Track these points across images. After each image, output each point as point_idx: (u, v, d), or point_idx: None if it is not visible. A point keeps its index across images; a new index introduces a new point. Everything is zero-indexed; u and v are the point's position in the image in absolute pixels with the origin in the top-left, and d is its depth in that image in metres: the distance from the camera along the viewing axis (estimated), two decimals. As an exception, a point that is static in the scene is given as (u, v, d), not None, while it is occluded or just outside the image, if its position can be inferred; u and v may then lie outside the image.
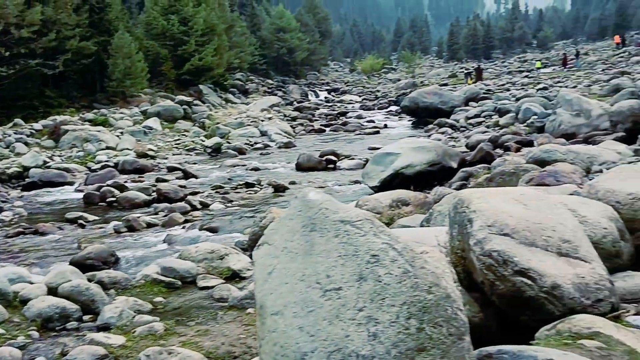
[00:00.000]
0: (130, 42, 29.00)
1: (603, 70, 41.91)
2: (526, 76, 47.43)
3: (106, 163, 18.81)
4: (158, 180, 15.62)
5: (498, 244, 3.44)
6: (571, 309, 3.27)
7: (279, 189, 13.82)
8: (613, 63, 46.10)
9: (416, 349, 2.30)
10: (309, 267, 2.46)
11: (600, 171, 7.27)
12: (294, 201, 2.70)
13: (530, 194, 4.05)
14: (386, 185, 13.21)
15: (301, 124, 31.52)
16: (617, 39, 63.27)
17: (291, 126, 29.63)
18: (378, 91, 53.62)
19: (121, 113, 26.87)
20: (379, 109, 40.80)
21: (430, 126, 27.10)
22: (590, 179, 6.42)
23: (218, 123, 27.40)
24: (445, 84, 47.91)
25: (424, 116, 30.13)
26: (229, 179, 16.08)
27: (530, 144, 15.42)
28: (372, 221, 2.56)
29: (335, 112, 37.83)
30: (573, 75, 42.08)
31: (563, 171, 7.09)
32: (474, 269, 3.59)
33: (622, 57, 50.27)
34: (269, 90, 46.55)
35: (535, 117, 21.28)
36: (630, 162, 7.91)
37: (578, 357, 2.57)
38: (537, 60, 59.22)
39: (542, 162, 8.42)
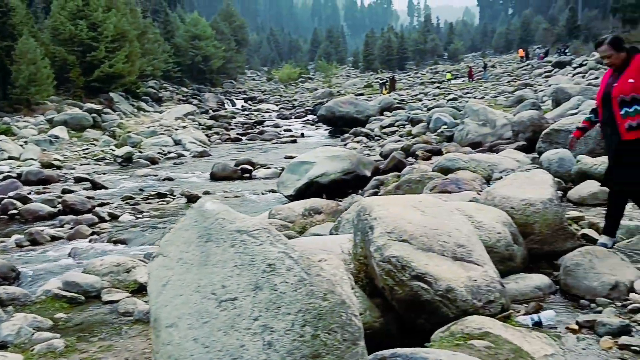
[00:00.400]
0: (35, 48, 27.74)
1: (508, 82, 44.12)
2: (437, 87, 49.13)
3: (8, 174, 17.82)
4: (64, 191, 14.95)
5: (397, 250, 3.55)
6: (464, 311, 3.42)
7: (192, 199, 13.58)
8: (517, 75, 48.59)
9: (311, 356, 2.33)
10: (204, 278, 2.45)
11: (500, 178, 7.63)
12: (189, 211, 2.68)
13: (428, 201, 4.20)
14: (301, 193, 13.29)
15: (217, 133, 31.20)
16: (521, 52, 66.83)
17: (206, 135, 29.27)
18: (295, 100, 53.95)
19: (25, 121, 25.61)
20: (296, 117, 41.06)
21: (347, 135, 27.53)
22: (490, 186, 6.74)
23: (129, 132, 26.64)
24: (361, 94, 48.82)
25: (340, 125, 30.58)
26: (140, 189, 15.64)
27: (439, 152, 15.96)
28: (269, 230, 2.58)
29: (252, 120, 37.76)
30: (481, 86, 44.04)
31: (464, 179, 7.41)
32: (375, 275, 3.69)
33: (525, 69, 53.09)
34: (184, 98, 45.78)
35: (445, 126, 22.10)
36: (527, 170, 8.35)
37: (467, 357, 2.70)
38: (447, 72, 61.47)
39: (446, 170, 8.76)
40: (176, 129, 28.75)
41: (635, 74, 4.62)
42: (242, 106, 49.09)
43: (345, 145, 23.58)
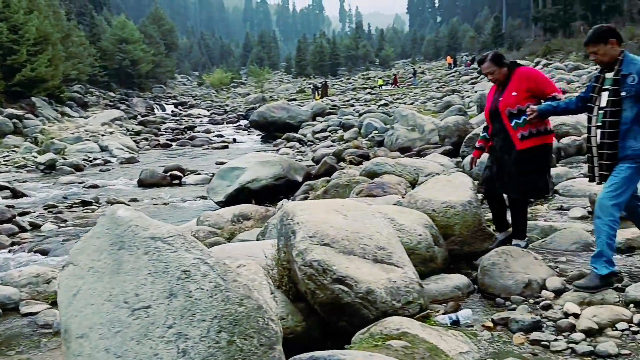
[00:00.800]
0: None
1: (437, 88, 45.34)
2: (369, 93, 49.90)
3: None
4: (-19, 200, 14.25)
5: (318, 254, 3.58)
6: (384, 312, 3.49)
7: (119, 207, 13.21)
8: (446, 82, 50.01)
9: (226, 362, 2.32)
10: (116, 287, 2.39)
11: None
12: (101, 219, 2.61)
13: (350, 205, 4.26)
14: (232, 200, 13.16)
15: (146, 139, 30.50)
16: (449, 59, 68.83)
17: (135, 141, 28.56)
18: (227, 105, 53.51)
19: (-61, 128, 24.28)
20: (227, 123, 40.70)
21: (279, 140, 27.51)
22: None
23: (53, 138, 25.64)
24: (294, 99, 48.99)
25: (272, 130, 30.54)
26: (63, 197, 15.07)
27: (369, 157, 16.18)
28: (184, 237, 2.55)
29: (183, 126, 37.13)
30: (411, 92, 45.05)
31: (389, 183, 7.56)
32: (297, 279, 3.70)
33: (453, 76, 54.71)
34: (111, 103, 44.56)
35: (376, 131, 22.45)
36: (451, 173, 8.61)
37: (384, 357, 2.75)
38: (379, 78, 62.53)
39: (373, 174, 8.91)
40: (102, 135, 27.91)
41: (517, 87, 4.87)
42: (172, 111, 48.22)
43: (278, 150, 23.56)
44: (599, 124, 4.16)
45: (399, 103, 36.72)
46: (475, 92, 31.35)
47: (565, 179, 8.29)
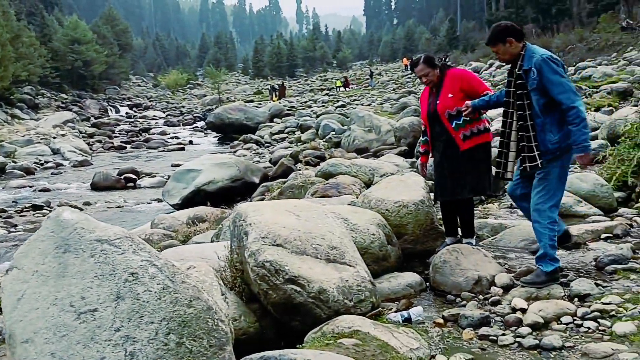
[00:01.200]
0: None
1: (394, 89, 45.79)
2: (327, 94, 50.04)
3: None
4: None
5: (271, 254, 3.59)
6: (336, 311, 3.51)
7: (72, 210, 12.93)
8: (402, 83, 50.55)
9: (176, 364, 2.31)
10: (61, 290, 2.35)
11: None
12: (45, 222, 2.56)
13: (302, 205, 4.28)
14: (188, 202, 13.05)
15: (99, 141, 29.93)
16: (405, 61, 69.61)
17: (88, 143, 27.98)
18: (183, 107, 52.92)
19: None
20: (184, 125, 40.28)
21: (236, 142, 27.38)
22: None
23: (2, 141, 24.91)
24: (251, 101, 48.78)
25: (229, 132, 30.37)
26: (13, 201, 14.67)
27: (326, 158, 16.24)
28: (132, 239, 2.53)
29: (138, 128, 36.57)
30: (368, 93, 45.38)
31: (344, 183, 7.63)
32: (250, 280, 3.70)
33: (409, 78, 55.33)
34: (63, 105, 43.53)
35: (334, 133, 22.55)
36: (405, 173, 8.73)
37: (334, 355, 2.78)
38: (337, 79, 62.79)
39: (328, 175, 8.96)
40: (54, 138, 27.23)
41: (452, 88, 4.94)
42: (127, 113, 47.45)
43: (235, 152, 23.46)
44: (515, 118, 4.26)
45: (357, 104, 36.94)
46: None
47: (515, 178, 8.49)
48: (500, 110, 4.56)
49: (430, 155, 5.35)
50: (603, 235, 5.37)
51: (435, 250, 5.05)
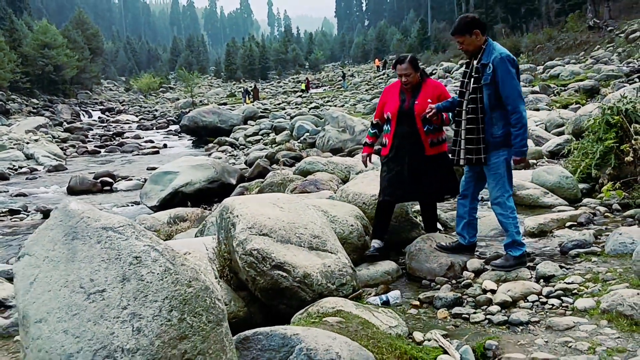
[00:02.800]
0: None
1: (366, 90, 46.21)
2: (300, 96, 50.28)
3: None
4: None
5: (257, 243, 3.82)
6: (320, 294, 3.77)
7: (49, 215, 12.94)
8: (375, 84, 51.03)
9: (178, 338, 2.53)
10: (71, 274, 2.55)
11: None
12: (54, 212, 2.76)
13: (285, 198, 4.53)
14: (166, 204, 13.14)
15: (73, 146, 29.71)
16: (377, 62, 70.21)
17: (62, 148, 27.76)
18: (156, 111, 52.67)
19: None
20: (157, 128, 40.14)
21: (211, 145, 27.43)
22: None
23: (-26, 147, 24.64)
24: (224, 103, 48.77)
25: (204, 135, 30.39)
26: (-11, 206, 14.60)
27: (302, 158, 16.46)
28: (134, 226, 2.74)
29: (111, 132, 36.34)
30: (341, 94, 45.76)
31: (322, 180, 7.89)
32: (238, 268, 3.93)
33: (381, 78, 55.86)
34: (35, 110, 43.06)
35: (308, 133, 22.80)
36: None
37: (320, 330, 3.02)
38: (302, 82, 62.95)
39: (306, 173, 9.22)
40: (27, 143, 26.96)
41: (431, 94, 4.99)
42: (100, 117, 47.09)
43: (210, 154, 23.53)
44: (467, 109, 4.44)
45: (330, 105, 37.28)
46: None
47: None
48: None
49: (385, 152, 5.19)
50: (568, 224, 5.73)
51: (366, 254, 5.00)
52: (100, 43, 76.50)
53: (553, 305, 3.85)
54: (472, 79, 4.40)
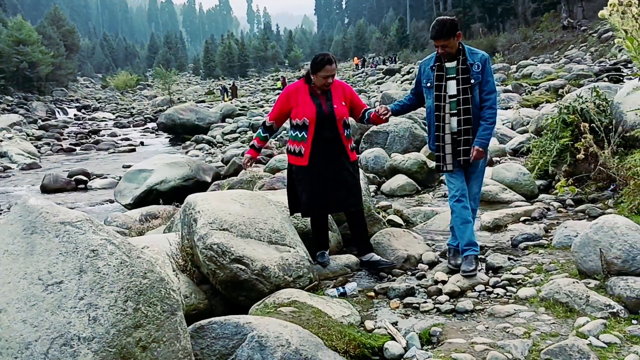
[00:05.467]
0: None
1: (344, 88, 46.37)
2: (279, 94, 50.25)
3: None
4: None
5: (218, 237, 3.99)
6: (277, 285, 3.94)
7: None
8: (353, 82, 51.34)
9: (133, 326, 2.68)
10: (30, 266, 2.69)
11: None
12: (14, 207, 2.89)
13: (246, 194, 4.69)
14: (140, 202, 13.19)
15: (48, 144, 29.51)
16: (356, 60, 70.56)
17: (36, 146, 27.58)
18: (133, 108, 52.38)
19: None
20: (134, 126, 39.97)
21: (188, 143, 27.44)
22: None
23: (-54, 145, 24.38)
24: (203, 101, 48.70)
25: (181, 133, 30.37)
26: (-38, 205, 14.54)
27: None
28: (92, 221, 2.88)
29: (87, 130, 36.11)
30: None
31: (290, 177, 8.05)
32: (200, 262, 4.09)
33: (360, 77, 56.20)
34: (9, 107, 42.57)
35: (285, 132, 22.90)
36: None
37: (273, 319, 3.20)
38: (277, 80, 63.04)
39: (276, 170, 9.39)
40: (1, 141, 26.73)
41: (342, 97, 4.72)
42: (75, 115, 46.72)
43: (187, 152, 23.56)
44: (454, 111, 4.36)
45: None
46: (381, 92, 32.59)
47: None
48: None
49: (302, 162, 4.66)
50: (522, 218, 5.97)
51: (317, 258, 4.83)
52: (76, 40, 75.73)
53: (498, 294, 4.07)
54: (457, 80, 4.33)
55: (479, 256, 4.65)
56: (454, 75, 4.36)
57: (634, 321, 3.38)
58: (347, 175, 4.70)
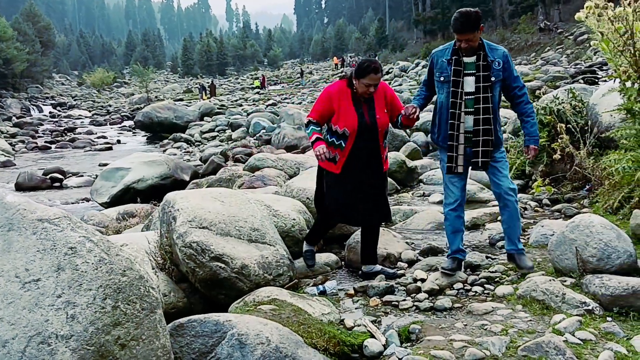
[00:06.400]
0: None
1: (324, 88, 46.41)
2: (257, 92, 50.21)
3: None
4: None
5: (197, 235, 3.97)
6: (257, 284, 3.94)
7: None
8: (332, 82, 51.24)
9: (112, 324, 2.66)
10: (7, 264, 2.65)
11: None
12: (-10, 204, 2.85)
13: (226, 193, 4.67)
14: (117, 200, 13.06)
15: (22, 141, 29.08)
16: (335, 59, 70.62)
17: (10, 144, 27.15)
18: (110, 106, 51.81)
19: None
20: (111, 124, 39.56)
21: (166, 141, 27.23)
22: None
23: None
24: (181, 99, 48.33)
25: (159, 131, 30.14)
26: None
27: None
28: (70, 218, 2.85)
29: (63, 128, 35.63)
30: (299, 92, 45.92)
31: (269, 175, 8.06)
32: (179, 260, 4.06)
33: (340, 76, 56.09)
34: (-18, 104, 41.82)
35: (264, 130, 22.88)
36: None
37: (253, 317, 3.19)
38: (255, 79, 62.85)
39: (255, 169, 9.37)
40: (-26, 138, 26.29)
41: (384, 102, 4.48)
42: (51, 112, 46.07)
43: (165, 151, 23.39)
44: (471, 109, 4.09)
45: (288, 103, 37.41)
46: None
47: (429, 169, 9.19)
48: None
49: (335, 169, 4.46)
50: (499, 217, 6.02)
51: (307, 263, 4.81)
52: (52, 36, 74.68)
53: (476, 292, 4.12)
54: (476, 77, 4.07)
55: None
56: (473, 71, 4.09)
57: (608, 318, 3.44)
58: (377, 188, 4.50)
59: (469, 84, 4.08)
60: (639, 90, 5.16)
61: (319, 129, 4.53)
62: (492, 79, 4.05)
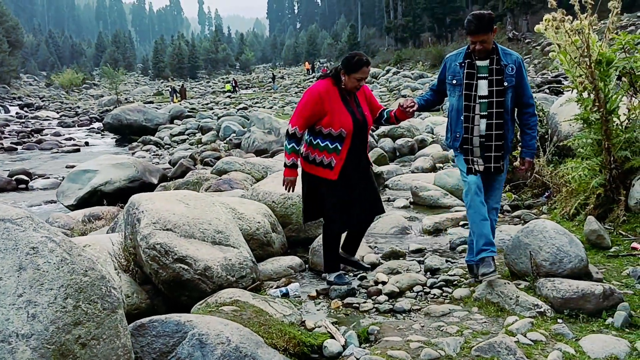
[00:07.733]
0: None
1: (296, 93, 46.59)
2: (229, 96, 50.07)
3: None
4: None
5: (161, 237, 4.01)
6: (220, 285, 4.00)
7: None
8: (304, 87, 51.48)
9: (73, 324, 2.69)
10: (-32, 263, 2.67)
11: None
12: (-49, 205, 2.86)
13: (191, 195, 4.72)
14: (84, 203, 12.94)
15: (-13, 142, 28.51)
16: (307, 65, 70.80)
17: (-25, 145, 26.62)
18: (79, 107, 51.10)
19: None
20: (79, 126, 38.99)
21: (135, 144, 26.99)
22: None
23: None
24: (151, 102, 47.93)
25: (128, 133, 29.85)
26: None
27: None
28: (32, 218, 2.87)
29: (29, 129, 34.98)
30: (270, 96, 45.93)
31: (236, 179, 8.11)
32: (142, 262, 4.09)
33: (311, 81, 56.28)
34: (-54, 104, 40.84)
35: (234, 134, 22.87)
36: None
37: (214, 317, 3.25)
38: (226, 83, 62.68)
39: (223, 172, 9.41)
40: (-64, 138, 25.67)
41: (364, 99, 4.49)
42: (17, 113, 45.19)
43: (134, 153, 23.17)
44: (484, 113, 4.06)
45: (259, 107, 37.39)
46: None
47: (395, 175, 9.34)
48: None
49: (332, 175, 4.28)
50: (461, 223, 6.19)
51: (334, 279, 4.51)
52: (20, 36, 73.41)
53: (435, 294, 4.24)
54: (489, 81, 4.03)
55: (419, 258, 4.84)
56: (486, 75, 4.05)
57: (559, 320, 3.58)
58: (372, 184, 4.48)
59: (482, 87, 4.05)
60: (594, 101, 5.35)
61: (299, 149, 4.36)
62: (505, 83, 4.02)
